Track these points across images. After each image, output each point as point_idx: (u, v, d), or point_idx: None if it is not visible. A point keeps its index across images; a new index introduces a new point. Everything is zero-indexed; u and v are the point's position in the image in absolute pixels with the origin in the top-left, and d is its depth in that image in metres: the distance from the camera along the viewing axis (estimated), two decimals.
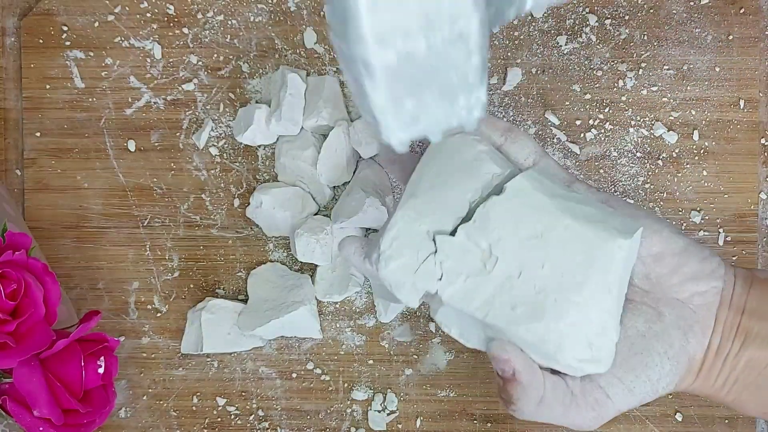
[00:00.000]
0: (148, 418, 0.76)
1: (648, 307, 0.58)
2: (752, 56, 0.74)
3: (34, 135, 0.75)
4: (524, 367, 0.56)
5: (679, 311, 0.57)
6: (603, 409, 0.57)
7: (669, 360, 0.57)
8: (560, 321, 0.54)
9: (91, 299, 0.75)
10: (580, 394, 0.57)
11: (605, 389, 0.57)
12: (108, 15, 0.74)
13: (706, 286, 0.57)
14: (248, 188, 0.75)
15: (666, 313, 0.57)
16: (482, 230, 0.56)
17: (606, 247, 0.55)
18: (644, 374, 0.57)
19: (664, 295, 0.58)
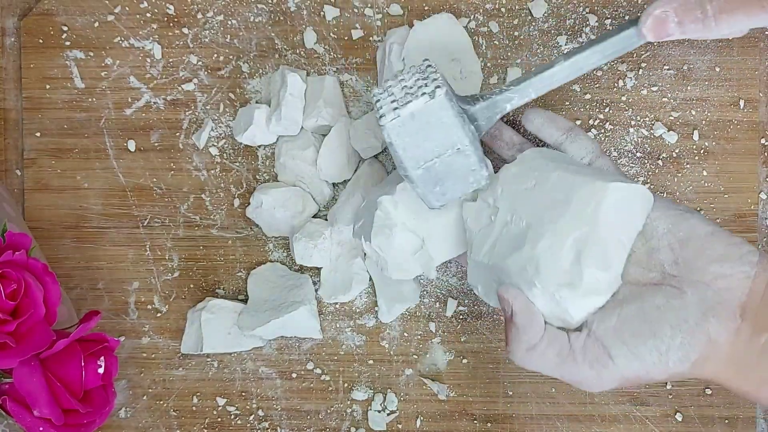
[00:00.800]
0: (148, 418, 0.76)
1: (672, 287, 0.58)
2: (752, 56, 0.74)
3: (34, 135, 0.75)
4: (521, 310, 0.60)
5: (701, 291, 0.57)
6: (604, 369, 0.58)
7: (681, 333, 0.57)
8: (535, 247, 0.61)
9: (91, 299, 0.75)
10: (579, 350, 0.59)
11: (608, 348, 0.58)
12: (108, 15, 0.74)
13: (732, 270, 0.57)
14: (248, 188, 0.75)
15: (688, 292, 0.58)
16: (491, 190, 0.66)
17: (588, 188, 0.61)
18: (651, 342, 0.57)
19: (689, 277, 0.58)
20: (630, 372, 0.58)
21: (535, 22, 0.74)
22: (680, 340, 0.57)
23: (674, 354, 0.57)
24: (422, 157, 0.63)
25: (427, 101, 0.62)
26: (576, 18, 0.74)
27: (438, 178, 0.64)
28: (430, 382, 0.75)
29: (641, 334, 0.57)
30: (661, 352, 0.57)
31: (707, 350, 0.57)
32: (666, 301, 0.58)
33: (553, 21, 0.74)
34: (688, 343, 0.57)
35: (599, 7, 0.74)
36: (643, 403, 0.75)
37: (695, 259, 0.58)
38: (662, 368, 0.58)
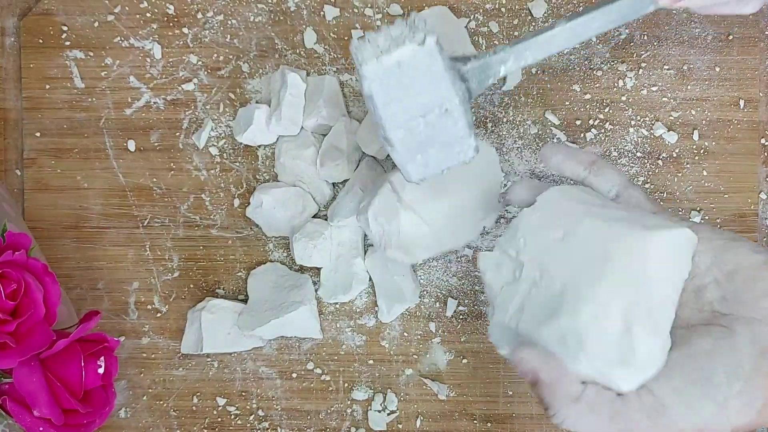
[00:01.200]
0: (148, 418, 0.76)
1: (720, 327, 0.52)
2: (752, 56, 0.74)
3: (33, 135, 0.75)
4: (543, 364, 0.53)
5: (755, 329, 0.51)
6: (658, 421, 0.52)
7: (738, 380, 0.50)
8: (576, 316, 0.52)
9: (91, 299, 0.75)
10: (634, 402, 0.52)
11: (661, 399, 0.52)
12: (108, 15, 0.74)
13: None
14: (248, 188, 0.75)
15: (739, 331, 0.52)
16: (511, 240, 0.59)
17: (628, 240, 0.53)
18: (705, 391, 0.51)
19: (740, 314, 0.52)
20: (687, 424, 0.51)
21: (534, 22, 0.74)
22: (739, 387, 0.50)
23: (735, 403, 0.50)
24: (405, 114, 0.57)
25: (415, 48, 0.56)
26: None
27: (420, 143, 0.59)
28: (430, 382, 0.75)
29: (694, 382, 0.51)
30: (718, 402, 0.51)
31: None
32: (714, 343, 0.52)
33: (553, 21, 0.74)
34: (748, 390, 0.50)
35: None
36: None
37: (744, 293, 0.52)
38: (723, 420, 0.51)
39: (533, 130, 0.74)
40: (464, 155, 0.61)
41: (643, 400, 0.52)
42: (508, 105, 0.74)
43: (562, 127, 0.74)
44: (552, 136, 0.74)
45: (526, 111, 0.74)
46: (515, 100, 0.74)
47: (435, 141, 0.59)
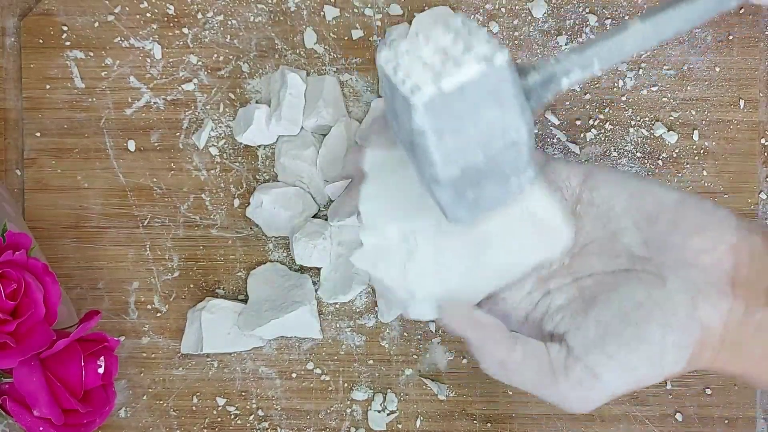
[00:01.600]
0: (148, 418, 0.76)
1: (649, 274, 0.51)
2: (752, 56, 0.74)
3: (34, 135, 0.75)
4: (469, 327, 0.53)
5: (686, 274, 0.50)
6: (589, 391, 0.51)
7: (672, 330, 0.49)
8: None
9: (91, 299, 0.75)
10: (560, 369, 0.51)
11: (593, 367, 0.50)
12: (108, 15, 0.74)
13: (715, 241, 0.50)
14: (248, 188, 0.75)
15: (670, 277, 0.50)
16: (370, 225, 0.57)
17: None
18: (641, 349, 0.50)
19: (667, 259, 0.51)
20: (621, 387, 0.51)
21: (535, 22, 0.74)
22: (673, 338, 0.50)
23: (669, 356, 0.50)
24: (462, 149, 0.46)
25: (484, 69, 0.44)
26: (576, 18, 0.74)
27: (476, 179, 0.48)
28: (430, 382, 0.75)
29: (628, 343, 0.50)
30: (653, 357, 0.50)
31: (702, 340, 0.50)
32: (647, 294, 0.50)
33: (553, 21, 0.74)
34: (682, 339, 0.50)
35: (599, 8, 0.74)
36: (643, 403, 0.75)
37: (669, 234, 0.51)
38: (657, 374, 0.51)
39: (533, 129, 0.74)
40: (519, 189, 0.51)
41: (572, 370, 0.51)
42: None
43: (562, 127, 0.74)
44: (552, 135, 0.74)
45: None
46: None
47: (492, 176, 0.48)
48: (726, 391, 0.74)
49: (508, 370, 0.53)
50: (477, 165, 0.47)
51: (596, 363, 0.50)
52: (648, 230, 0.52)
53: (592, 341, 0.51)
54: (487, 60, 0.44)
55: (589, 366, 0.51)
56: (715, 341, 0.50)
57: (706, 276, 0.50)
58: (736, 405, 0.75)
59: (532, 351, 0.52)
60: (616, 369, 0.50)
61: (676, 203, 0.52)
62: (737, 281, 0.50)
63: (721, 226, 0.51)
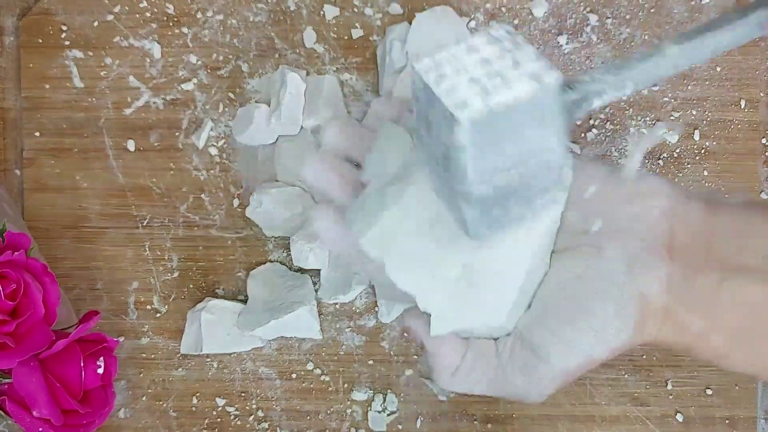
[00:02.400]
0: (148, 419, 0.76)
1: (586, 246, 0.50)
2: (753, 56, 0.74)
3: (33, 135, 0.75)
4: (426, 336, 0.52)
5: (621, 242, 0.49)
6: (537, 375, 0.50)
7: (612, 301, 0.48)
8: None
9: (91, 299, 0.75)
10: (506, 359, 0.51)
11: (537, 348, 0.49)
12: (107, 14, 0.74)
13: (647, 206, 0.50)
14: (248, 188, 0.75)
15: (606, 247, 0.49)
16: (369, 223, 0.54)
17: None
18: (584, 323, 0.48)
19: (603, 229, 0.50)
20: (569, 366, 0.49)
21: (535, 21, 0.74)
22: (613, 308, 0.48)
23: (611, 327, 0.48)
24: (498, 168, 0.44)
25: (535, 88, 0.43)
26: (577, 17, 0.74)
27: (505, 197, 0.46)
28: (430, 382, 0.75)
29: (570, 318, 0.49)
30: (597, 330, 0.48)
31: (643, 309, 0.48)
32: (585, 265, 0.49)
33: (554, 21, 0.74)
34: (622, 309, 0.48)
35: (600, 7, 0.74)
36: (643, 404, 0.75)
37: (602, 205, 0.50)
38: (602, 349, 0.49)
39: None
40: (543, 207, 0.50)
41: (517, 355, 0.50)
42: None
43: None
44: None
45: None
46: None
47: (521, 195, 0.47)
48: (727, 391, 0.74)
49: (460, 378, 0.52)
50: (510, 185, 0.46)
51: (539, 342, 0.50)
52: (583, 204, 0.50)
53: (534, 319, 0.50)
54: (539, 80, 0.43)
55: (534, 345, 0.50)
56: (657, 310, 0.49)
57: (641, 244, 0.49)
58: (737, 405, 0.75)
59: (480, 351, 0.52)
60: (560, 346, 0.49)
61: (606, 174, 0.51)
62: (674, 246, 0.49)
63: (653, 192, 0.50)
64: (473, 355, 0.52)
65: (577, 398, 0.75)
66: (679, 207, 0.50)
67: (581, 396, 0.75)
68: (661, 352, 0.74)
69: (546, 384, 0.50)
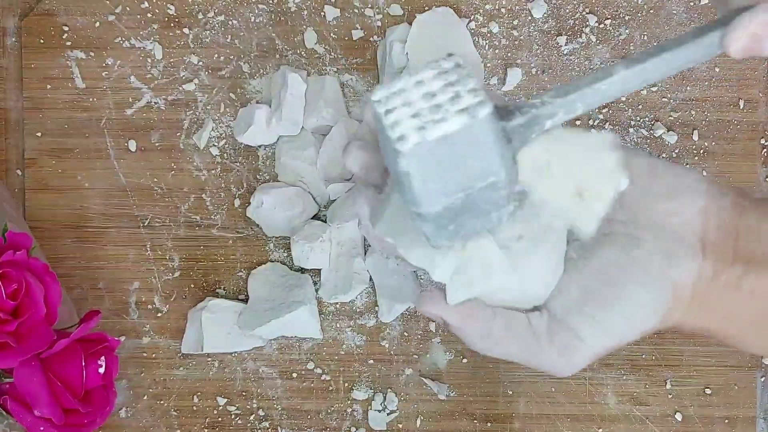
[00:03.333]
0: (149, 418, 0.76)
1: (624, 235, 0.52)
2: (752, 56, 0.74)
3: (34, 135, 0.75)
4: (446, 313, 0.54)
5: (658, 234, 0.51)
6: (575, 354, 0.52)
7: (647, 289, 0.51)
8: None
9: (92, 299, 0.75)
10: (544, 335, 0.53)
11: (576, 329, 0.52)
12: (109, 15, 0.74)
13: (684, 203, 0.52)
14: (249, 188, 0.75)
15: (644, 238, 0.51)
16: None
17: None
18: (618, 308, 0.51)
19: (641, 220, 0.52)
20: (602, 348, 0.52)
21: (535, 22, 0.74)
22: (648, 296, 0.51)
23: (643, 313, 0.51)
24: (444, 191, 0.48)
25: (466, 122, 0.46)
26: (576, 18, 0.74)
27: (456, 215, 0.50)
28: (430, 381, 0.75)
29: (606, 302, 0.51)
30: (630, 315, 0.51)
31: (674, 299, 0.51)
32: (623, 253, 0.51)
33: (553, 22, 0.74)
34: (656, 297, 0.51)
35: (599, 8, 0.74)
36: (642, 403, 0.75)
37: (642, 197, 0.52)
38: (633, 332, 0.52)
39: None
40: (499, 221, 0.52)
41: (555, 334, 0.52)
42: None
43: None
44: None
45: None
46: (515, 100, 0.74)
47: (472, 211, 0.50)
48: (726, 390, 0.75)
49: (493, 342, 0.54)
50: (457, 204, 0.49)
51: (578, 324, 0.52)
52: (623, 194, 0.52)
53: (574, 304, 0.53)
54: (471, 113, 0.46)
55: (572, 327, 0.52)
56: (685, 299, 0.52)
57: (677, 237, 0.51)
58: (736, 404, 0.75)
59: (512, 320, 0.53)
60: (597, 329, 0.52)
61: (647, 167, 0.53)
62: (706, 242, 0.51)
63: (690, 189, 0.52)
64: (503, 322, 0.53)
65: (577, 398, 0.75)
66: (712, 204, 0.52)
67: (581, 395, 0.75)
68: (660, 351, 0.75)
69: (577, 361, 0.53)
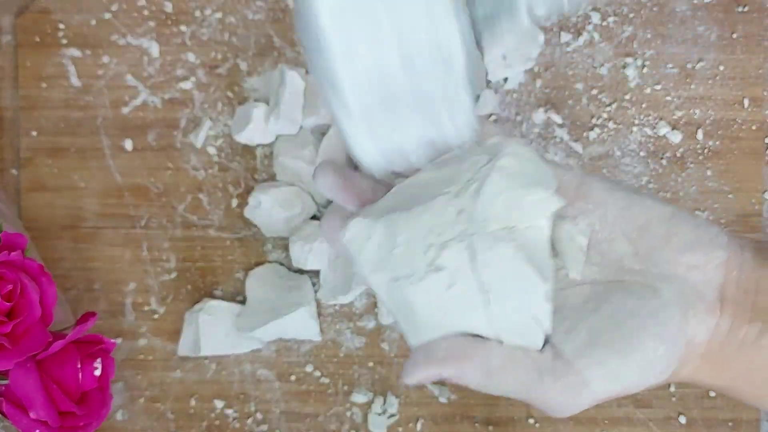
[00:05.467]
0: (146, 421, 0.75)
1: (641, 285, 0.51)
2: (756, 54, 0.73)
3: (30, 134, 0.74)
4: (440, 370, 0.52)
5: (677, 287, 0.50)
6: (577, 397, 0.51)
7: (663, 343, 0.49)
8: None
9: (88, 300, 0.75)
10: (548, 373, 0.51)
11: (582, 372, 0.50)
12: (105, 13, 0.74)
13: (705, 257, 0.50)
14: (246, 188, 0.74)
15: (663, 290, 0.50)
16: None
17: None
18: (632, 358, 0.50)
19: (659, 271, 0.50)
20: (606, 393, 0.51)
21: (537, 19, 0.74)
22: (663, 350, 0.50)
23: (657, 367, 0.50)
24: (376, 61, 0.37)
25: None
26: (579, 16, 0.74)
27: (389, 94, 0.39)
28: (430, 384, 0.75)
29: (620, 351, 0.50)
30: (643, 367, 0.50)
31: (687, 354, 0.50)
32: (640, 303, 0.50)
33: (555, 18, 0.74)
34: (669, 351, 0.50)
35: (603, 5, 0.73)
36: (646, 406, 0.74)
37: (662, 248, 0.50)
38: (642, 383, 0.51)
39: (536, 129, 0.74)
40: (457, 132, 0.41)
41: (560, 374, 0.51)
42: (511, 104, 0.74)
43: (565, 126, 0.74)
44: (554, 135, 0.74)
45: (528, 109, 0.74)
46: (517, 98, 0.74)
47: (413, 96, 0.39)
48: None
49: (494, 378, 0.51)
50: (396, 87, 0.38)
51: (586, 368, 0.50)
52: (639, 242, 0.51)
53: (583, 347, 0.51)
54: None
55: (580, 371, 0.50)
56: (696, 356, 0.51)
57: (696, 291, 0.50)
58: (740, 407, 0.74)
59: (512, 355, 0.51)
60: (605, 376, 0.50)
61: (668, 217, 0.51)
62: (725, 297, 0.50)
63: (712, 243, 0.51)
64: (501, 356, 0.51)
65: None
66: (733, 259, 0.51)
67: None
68: None
69: (579, 403, 0.51)
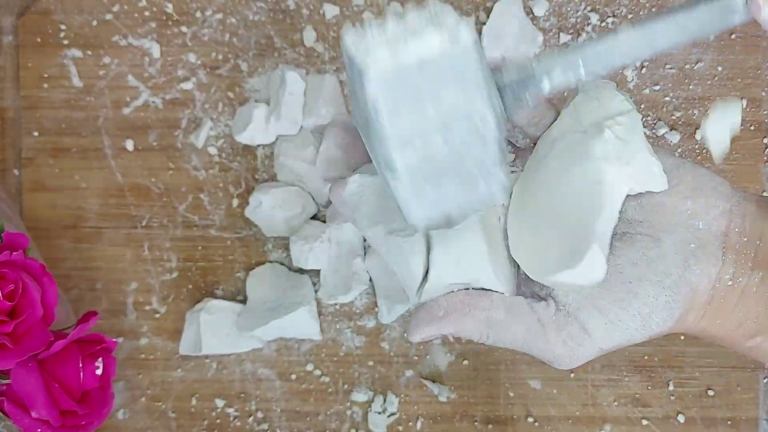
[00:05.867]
0: (147, 420, 0.75)
1: (644, 235, 0.51)
2: (755, 55, 0.74)
3: (31, 134, 0.74)
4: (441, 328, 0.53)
5: (679, 236, 0.51)
6: (579, 348, 0.52)
7: (665, 290, 0.50)
8: None
9: (89, 300, 0.75)
10: (550, 325, 0.52)
11: (584, 323, 0.51)
12: (106, 14, 0.74)
13: (708, 205, 0.51)
14: (247, 188, 0.74)
15: (664, 239, 0.51)
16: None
17: None
18: (633, 306, 0.50)
19: (661, 220, 0.51)
20: (609, 344, 0.52)
21: (536, 21, 0.74)
22: (664, 298, 0.50)
23: (658, 315, 0.51)
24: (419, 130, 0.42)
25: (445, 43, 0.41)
26: (578, 16, 0.74)
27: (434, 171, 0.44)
28: (430, 383, 0.75)
29: (620, 299, 0.50)
30: (644, 315, 0.50)
31: (689, 302, 0.51)
32: (642, 253, 0.50)
33: (555, 20, 0.74)
34: (672, 299, 0.50)
35: (601, 6, 0.73)
36: (645, 405, 0.74)
37: (664, 197, 0.51)
38: (644, 333, 0.51)
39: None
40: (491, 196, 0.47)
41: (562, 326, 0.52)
42: None
43: None
44: None
45: None
46: None
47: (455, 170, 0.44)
48: (729, 392, 0.74)
49: (496, 329, 0.53)
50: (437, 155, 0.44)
51: (588, 318, 0.51)
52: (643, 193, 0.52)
53: (586, 298, 0.51)
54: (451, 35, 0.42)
55: (581, 320, 0.51)
56: (701, 304, 0.51)
57: (698, 239, 0.51)
58: (739, 406, 0.74)
59: (513, 307, 0.53)
60: (607, 325, 0.51)
61: (671, 167, 0.52)
62: (728, 246, 0.51)
63: (714, 191, 0.52)
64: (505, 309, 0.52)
65: (578, 399, 0.75)
66: (735, 208, 0.52)
67: (582, 397, 0.75)
68: (662, 352, 0.74)
69: (582, 355, 0.52)
